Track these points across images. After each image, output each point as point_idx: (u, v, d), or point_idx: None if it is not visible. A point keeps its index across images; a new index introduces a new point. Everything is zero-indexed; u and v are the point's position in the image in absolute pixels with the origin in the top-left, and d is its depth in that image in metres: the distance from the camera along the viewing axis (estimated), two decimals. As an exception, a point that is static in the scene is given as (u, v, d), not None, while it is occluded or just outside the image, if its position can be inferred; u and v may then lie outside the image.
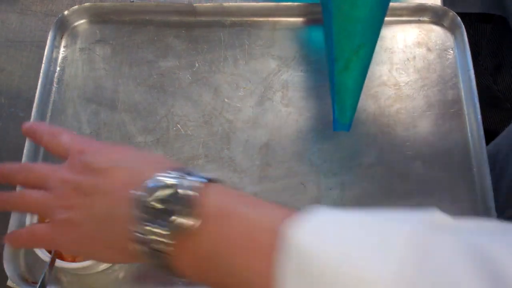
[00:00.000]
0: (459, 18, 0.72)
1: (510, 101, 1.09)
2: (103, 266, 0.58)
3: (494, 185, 0.59)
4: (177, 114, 0.68)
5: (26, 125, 0.48)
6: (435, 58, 0.72)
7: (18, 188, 0.61)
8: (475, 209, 0.62)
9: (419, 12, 0.74)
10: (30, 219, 0.56)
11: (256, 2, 0.75)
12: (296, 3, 0.73)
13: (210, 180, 0.38)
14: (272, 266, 0.31)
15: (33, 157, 0.64)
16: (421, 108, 0.68)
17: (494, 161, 0.72)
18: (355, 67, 0.47)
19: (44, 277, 0.53)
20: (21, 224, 0.59)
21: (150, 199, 0.36)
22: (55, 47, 0.72)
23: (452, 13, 0.73)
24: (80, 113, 0.68)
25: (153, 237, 0.36)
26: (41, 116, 0.67)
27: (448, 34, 0.73)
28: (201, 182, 0.37)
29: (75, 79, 0.70)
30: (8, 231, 0.59)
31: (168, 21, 0.74)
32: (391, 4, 0.72)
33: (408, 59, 0.71)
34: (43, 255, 0.55)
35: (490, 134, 0.72)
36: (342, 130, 0.50)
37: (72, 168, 0.42)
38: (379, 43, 0.72)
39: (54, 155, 0.46)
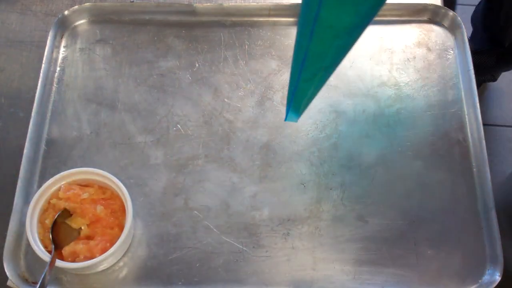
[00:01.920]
0: (459, 18, 0.72)
1: None
2: (103, 266, 0.58)
3: None
4: (177, 114, 0.68)
5: None
6: (435, 58, 0.72)
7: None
8: (475, 209, 0.62)
9: (419, 12, 0.74)
10: (29, 219, 0.56)
11: (256, 2, 0.75)
12: (295, 3, 0.73)
13: None
14: None
15: (33, 158, 0.64)
16: (421, 108, 0.68)
17: None
18: (319, 80, 0.52)
19: (44, 277, 0.53)
20: (21, 224, 0.59)
21: None
22: (55, 47, 0.72)
23: (452, 13, 0.73)
24: (80, 113, 0.68)
25: None
26: (41, 116, 0.67)
27: (448, 34, 0.73)
28: None
29: (75, 79, 0.70)
30: (8, 231, 0.59)
31: (168, 21, 0.74)
32: (391, 4, 0.72)
33: (408, 59, 0.71)
34: (43, 255, 0.55)
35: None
36: (292, 121, 0.57)
37: None
38: (379, 43, 0.72)
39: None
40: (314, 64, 0.50)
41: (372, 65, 0.64)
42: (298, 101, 0.54)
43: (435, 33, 0.73)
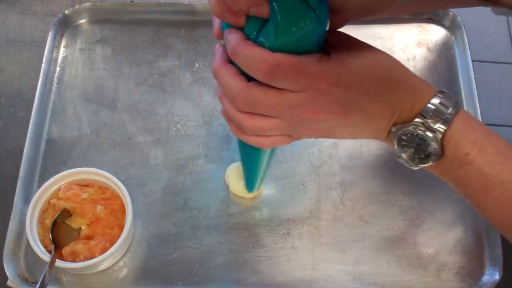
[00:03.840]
0: (459, 18, 0.72)
1: None
2: (103, 266, 0.58)
3: None
4: (177, 114, 0.68)
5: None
6: (435, 58, 0.72)
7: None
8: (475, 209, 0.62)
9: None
10: (29, 219, 0.56)
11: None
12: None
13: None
14: None
15: (33, 158, 0.64)
16: (421, 108, 0.68)
17: None
18: (267, 160, 0.56)
19: (44, 277, 0.53)
20: (21, 224, 0.59)
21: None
22: (55, 47, 0.72)
23: (452, 13, 0.73)
24: (80, 113, 0.68)
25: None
26: (41, 116, 0.67)
27: (448, 34, 0.73)
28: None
29: (75, 79, 0.70)
30: (8, 231, 0.59)
31: (168, 21, 0.74)
32: (391, 4, 0.72)
33: (408, 59, 0.71)
34: (43, 255, 0.55)
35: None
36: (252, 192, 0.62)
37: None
38: (378, 42, 0.72)
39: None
40: (256, 149, 0.54)
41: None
42: (252, 179, 0.59)
43: (435, 33, 0.73)
